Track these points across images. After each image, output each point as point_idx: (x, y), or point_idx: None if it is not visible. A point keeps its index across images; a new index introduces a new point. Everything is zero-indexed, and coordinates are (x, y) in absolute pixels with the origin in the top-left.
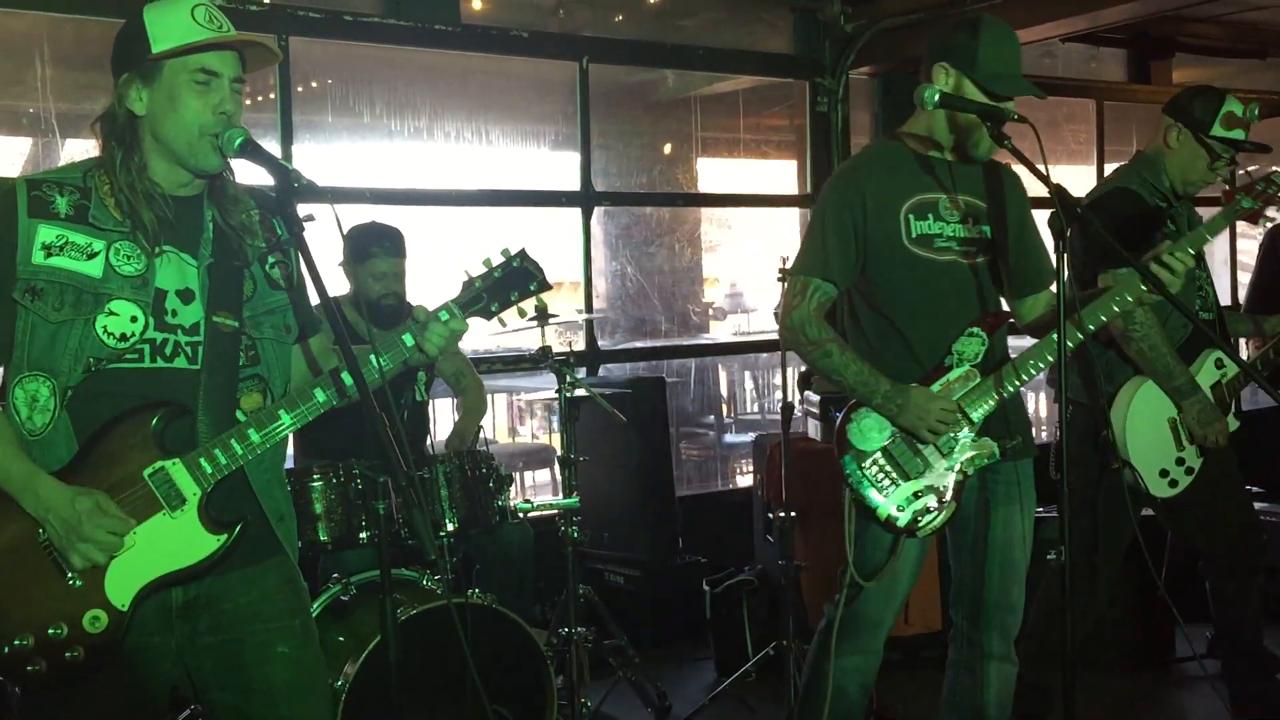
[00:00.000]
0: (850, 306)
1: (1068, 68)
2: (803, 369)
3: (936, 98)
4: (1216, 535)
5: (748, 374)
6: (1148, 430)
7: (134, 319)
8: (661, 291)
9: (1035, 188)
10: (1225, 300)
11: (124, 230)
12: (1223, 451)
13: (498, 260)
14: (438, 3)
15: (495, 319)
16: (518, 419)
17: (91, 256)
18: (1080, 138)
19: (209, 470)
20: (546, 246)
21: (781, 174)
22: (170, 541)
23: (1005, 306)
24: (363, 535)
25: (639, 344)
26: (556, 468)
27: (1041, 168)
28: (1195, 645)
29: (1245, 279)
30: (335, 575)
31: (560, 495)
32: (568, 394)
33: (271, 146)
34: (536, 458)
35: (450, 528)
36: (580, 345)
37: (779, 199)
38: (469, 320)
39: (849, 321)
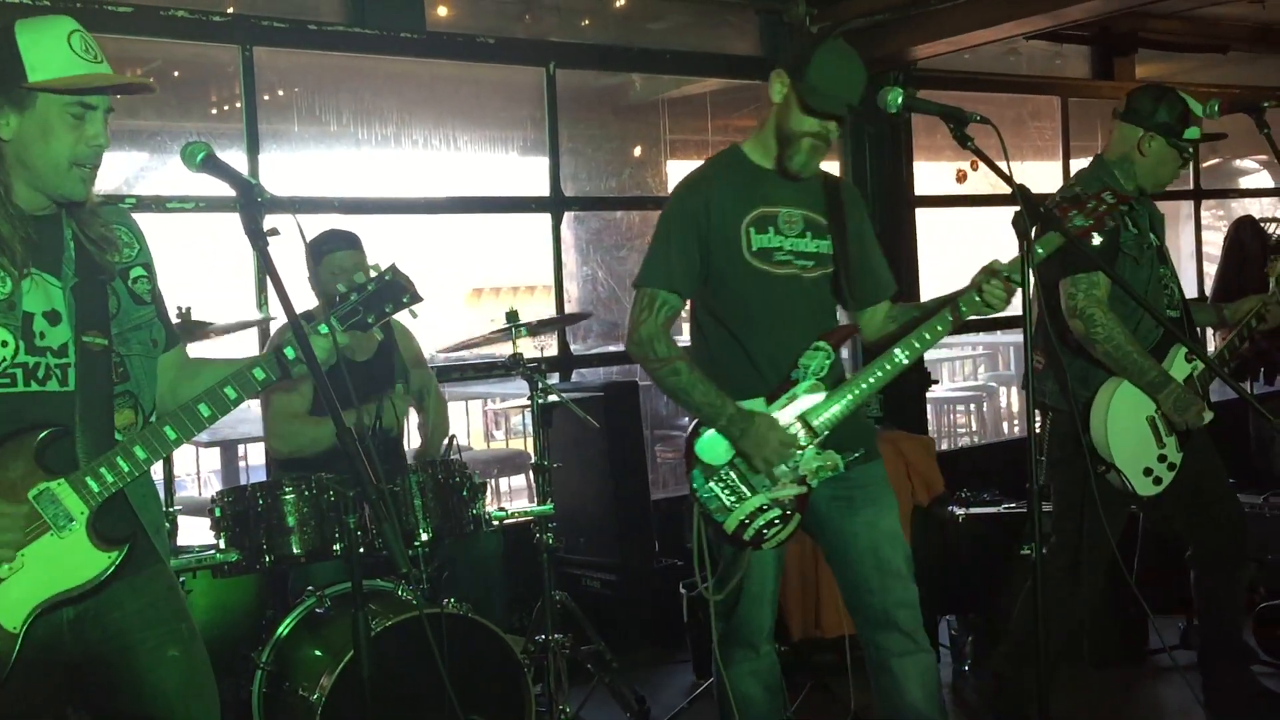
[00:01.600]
0: (694, 317)
1: (1032, 65)
2: None
3: (900, 100)
4: (1205, 529)
5: None
6: (1129, 431)
7: (4, 344)
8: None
9: (997, 186)
10: (1192, 292)
11: None
12: (1203, 446)
13: (371, 275)
14: (403, 10)
15: (371, 331)
16: (492, 425)
17: None
18: (1045, 134)
19: (96, 489)
20: (517, 252)
21: None
22: (60, 561)
23: (843, 319)
24: (336, 548)
25: (612, 348)
26: (531, 474)
27: (1004, 167)
28: (1166, 637)
29: (1212, 270)
30: (310, 588)
31: (535, 501)
32: (540, 400)
33: (237, 157)
34: (511, 464)
35: (425, 537)
36: (552, 350)
37: None
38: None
39: (694, 331)
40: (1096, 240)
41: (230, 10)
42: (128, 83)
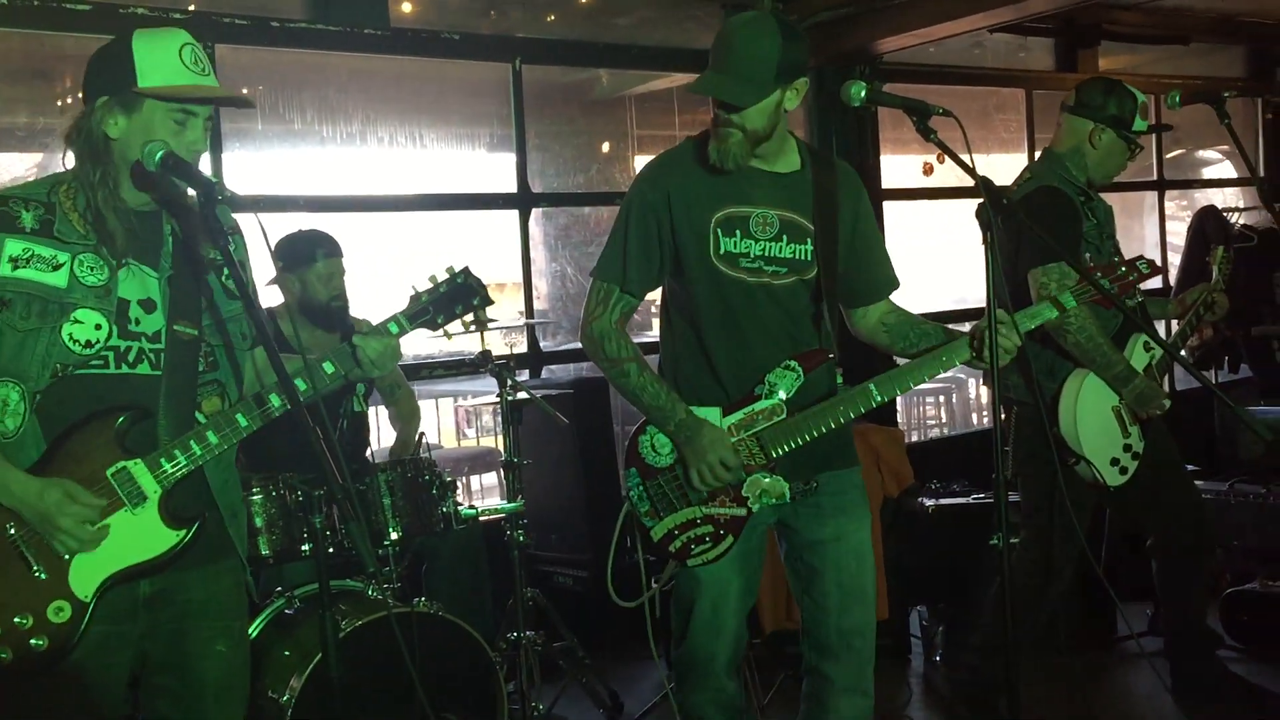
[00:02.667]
0: (664, 307)
1: (996, 58)
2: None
3: (863, 93)
4: (1163, 516)
5: None
6: (1097, 422)
7: (98, 327)
8: None
9: (964, 179)
10: (1155, 283)
11: (89, 243)
12: (1162, 434)
13: (443, 276)
14: (366, 6)
15: (440, 330)
16: (464, 422)
17: (56, 268)
18: (1010, 126)
19: (169, 469)
20: (485, 249)
21: None
22: (131, 536)
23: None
24: (304, 548)
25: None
26: (502, 471)
27: (968, 159)
28: (1134, 624)
29: (1176, 260)
30: (279, 589)
31: (506, 499)
32: (510, 397)
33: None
34: (482, 461)
35: (394, 536)
36: (522, 348)
37: None
38: (415, 331)
39: (663, 326)
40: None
41: (191, 8)
42: (229, 96)
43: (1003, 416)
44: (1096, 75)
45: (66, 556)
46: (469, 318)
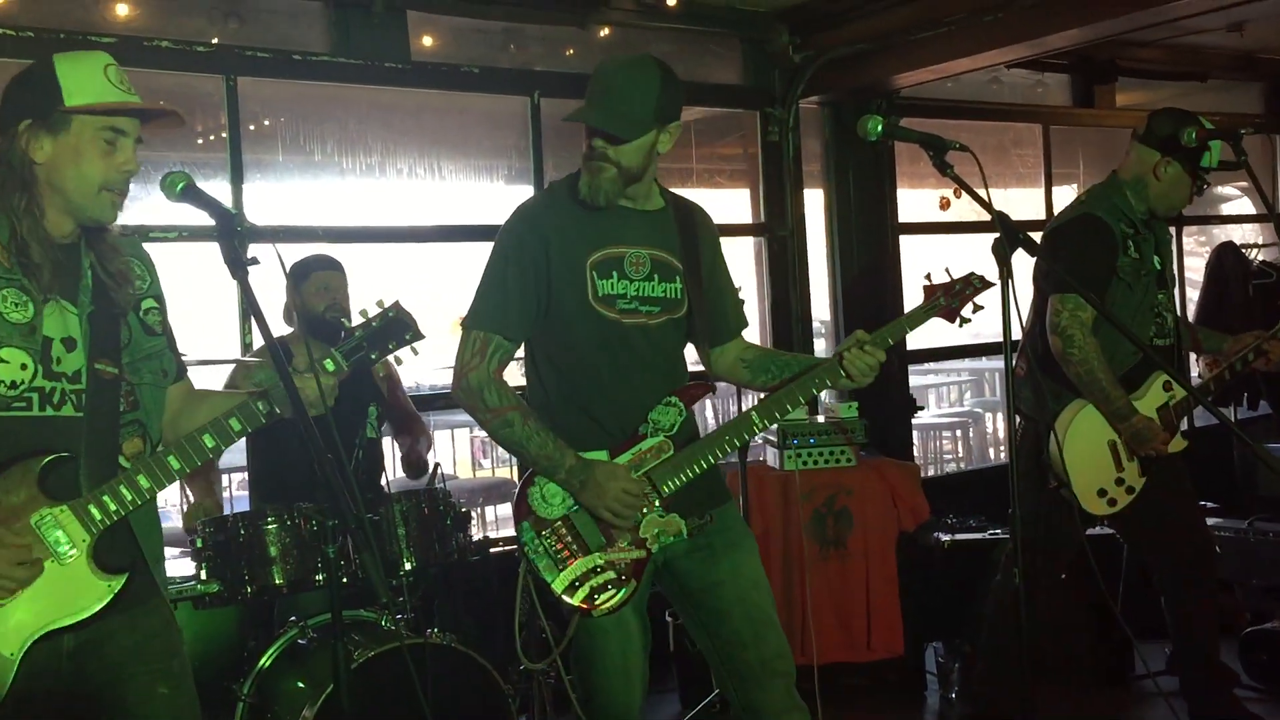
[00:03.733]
0: (533, 360)
1: (1014, 93)
2: (763, 396)
3: (880, 128)
4: (1169, 552)
5: (707, 401)
6: (1087, 450)
7: (24, 366)
8: None
9: (980, 214)
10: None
11: (12, 278)
12: (1174, 469)
13: (374, 311)
14: (387, 40)
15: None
16: (479, 453)
17: None
18: (1028, 162)
19: (99, 517)
20: None
21: (735, 203)
22: (60, 589)
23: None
24: (318, 578)
25: None
26: None
27: (984, 193)
28: (1152, 663)
29: (1194, 296)
30: (293, 618)
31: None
32: None
33: (222, 187)
34: (497, 492)
35: (408, 566)
36: None
37: (733, 228)
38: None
39: (530, 375)
40: None
41: (215, 41)
42: (159, 109)
43: (1018, 423)
44: (1170, 107)
45: (17, 593)
46: (403, 351)
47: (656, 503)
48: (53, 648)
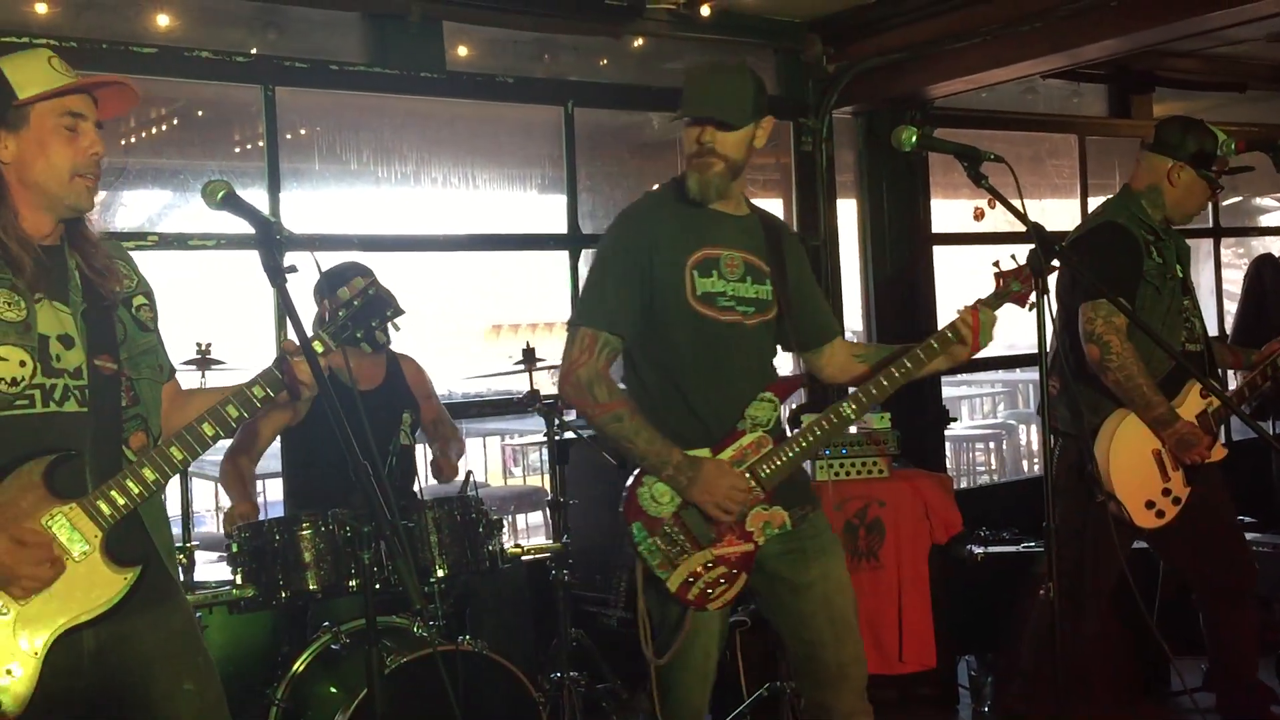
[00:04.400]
0: (632, 361)
1: (1049, 104)
2: (795, 405)
3: (915, 138)
4: (1208, 568)
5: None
6: (1132, 462)
7: (22, 364)
8: None
9: (1014, 224)
10: (1212, 330)
11: (3, 279)
12: (1213, 481)
13: (353, 292)
14: (423, 50)
15: (361, 345)
16: (511, 461)
17: None
18: (1064, 172)
19: (107, 512)
20: (534, 289)
21: None
22: (76, 586)
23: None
24: (352, 583)
25: None
26: (548, 510)
27: (1019, 204)
28: (1188, 678)
29: (1232, 308)
30: (326, 624)
31: (552, 538)
32: (557, 437)
33: (259, 195)
34: (529, 500)
35: (440, 574)
36: None
37: None
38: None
39: (629, 376)
40: None
41: (253, 51)
42: (108, 80)
43: (1054, 442)
44: (1177, 115)
45: (8, 614)
46: (390, 331)
47: (760, 496)
48: (74, 647)
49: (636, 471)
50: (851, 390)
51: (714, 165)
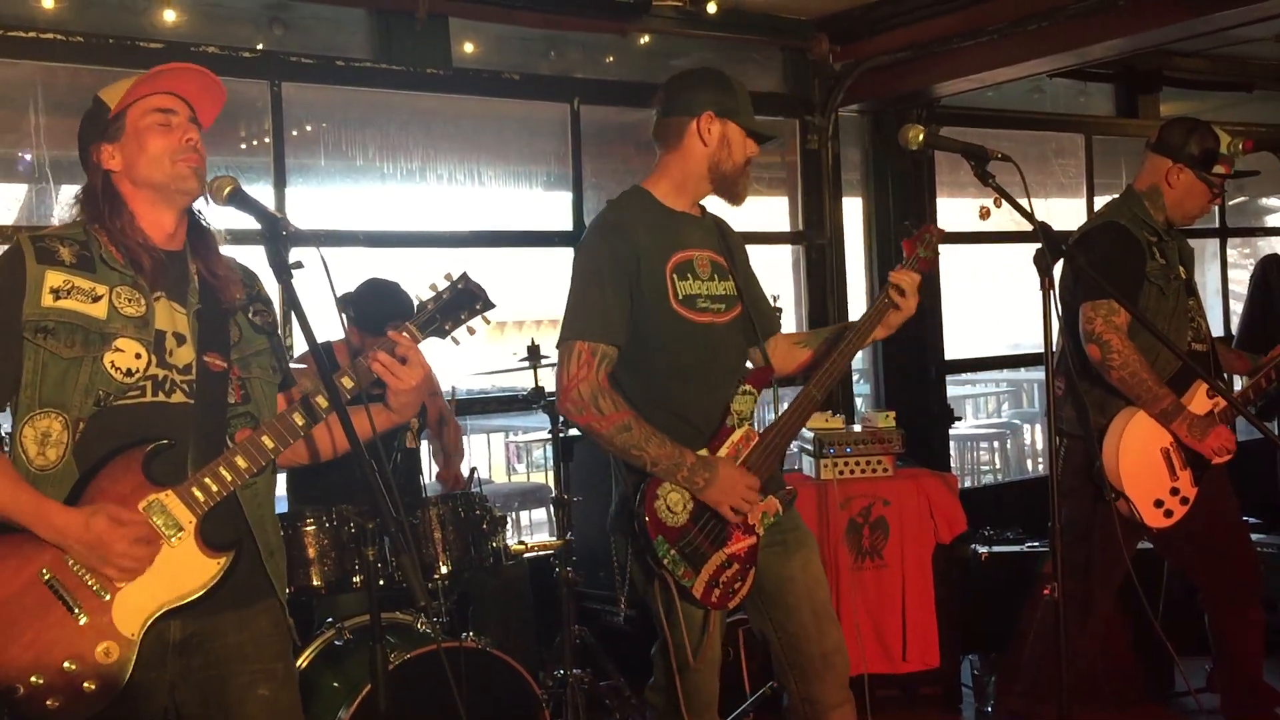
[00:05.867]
0: (611, 371)
1: (1056, 103)
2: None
3: (921, 137)
4: (1214, 568)
5: None
6: (1141, 460)
7: (138, 355)
8: None
9: (1020, 224)
10: (1218, 330)
11: (126, 275)
12: (1219, 482)
13: (443, 284)
14: (429, 47)
15: (449, 338)
16: (515, 458)
17: (95, 300)
18: (1070, 172)
19: (201, 498)
20: (540, 286)
21: (773, 211)
22: (172, 570)
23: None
24: (356, 579)
25: None
26: (552, 507)
27: (1026, 204)
28: (1192, 679)
29: (1238, 308)
30: (329, 620)
31: (555, 535)
32: (561, 434)
33: (265, 191)
34: (533, 497)
35: (444, 570)
36: None
37: (771, 236)
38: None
39: (613, 385)
40: None
41: (260, 47)
42: (179, 67)
43: (1059, 443)
44: (1182, 116)
45: (107, 596)
46: (474, 322)
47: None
48: (161, 637)
49: (644, 487)
50: (815, 375)
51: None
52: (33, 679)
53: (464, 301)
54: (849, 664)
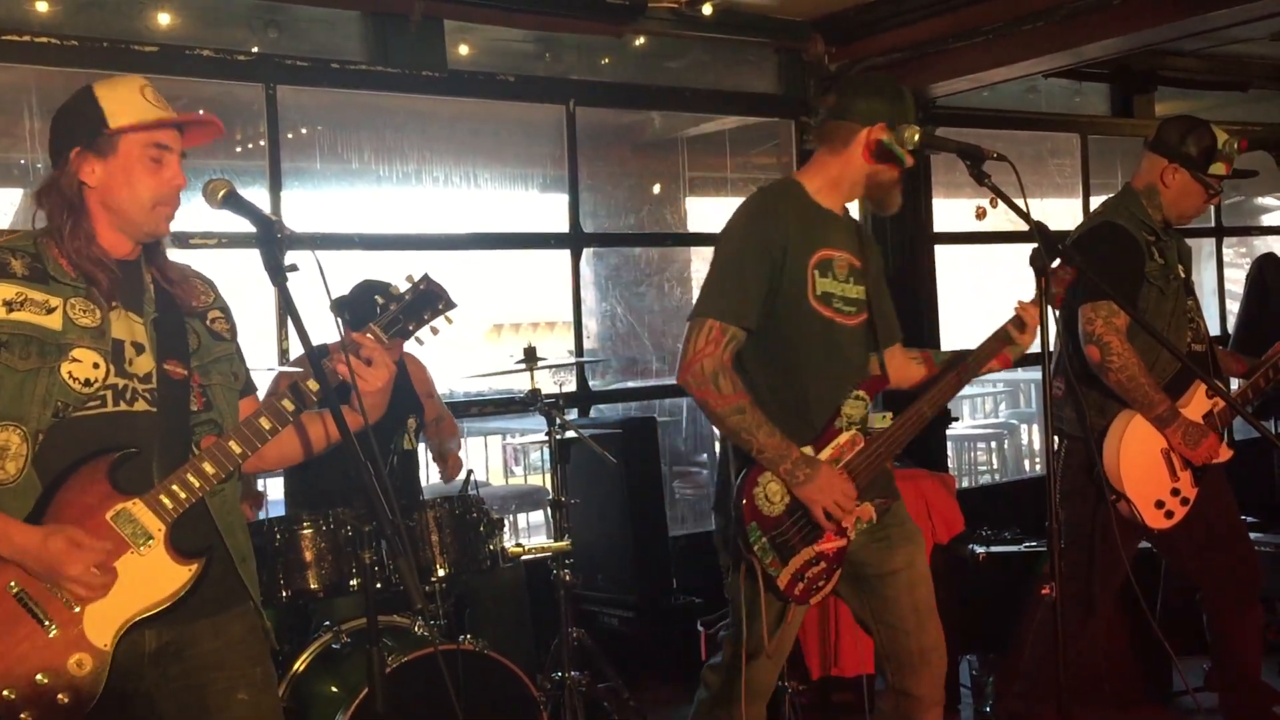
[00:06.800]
0: (740, 354)
1: (1051, 103)
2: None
3: (917, 137)
4: (1213, 567)
5: None
6: (1142, 462)
7: (96, 365)
8: (652, 331)
9: (1016, 224)
10: (1215, 329)
11: (79, 287)
12: (1218, 482)
13: (404, 286)
14: (425, 49)
15: (412, 338)
16: (512, 460)
17: (50, 311)
18: (1065, 171)
19: (170, 506)
20: (536, 288)
21: None
22: (142, 578)
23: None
24: (353, 583)
25: (630, 384)
26: (549, 510)
27: (1022, 204)
28: (1190, 678)
29: (1234, 307)
30: (327, 623)
31: (553, 538)
32: (558, 436)
33: (260, 194)
34: (530, 499)
35: (441, 573)
36: (571, 387)
37: None
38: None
39: (735, 369)
40: None
41: (254, 50)
42: (199, 117)
43: (1055, 445)
44: (1182, 115)
45: (77, 608)
46: (438, 322)
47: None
48: (135, 647)
49: (745, 473)
50: (928, 392)
51: None
52: (4, 693)
53: (426, 302)
54: (945, 663)
